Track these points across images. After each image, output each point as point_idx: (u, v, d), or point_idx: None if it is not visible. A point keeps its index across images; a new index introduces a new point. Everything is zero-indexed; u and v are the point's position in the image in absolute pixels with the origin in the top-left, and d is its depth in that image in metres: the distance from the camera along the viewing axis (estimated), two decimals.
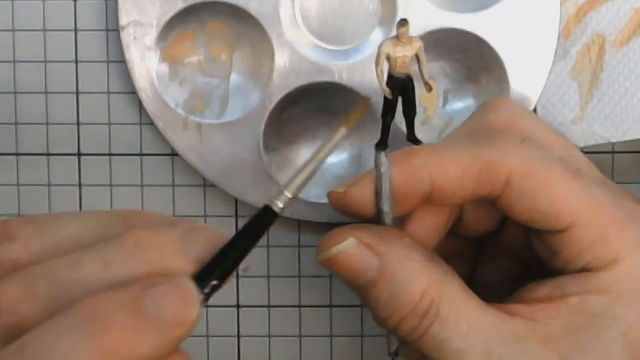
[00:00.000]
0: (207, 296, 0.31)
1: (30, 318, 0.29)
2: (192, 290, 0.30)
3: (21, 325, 0.29)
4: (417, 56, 0.36)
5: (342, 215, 0.38)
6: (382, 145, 0.36)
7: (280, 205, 0.32)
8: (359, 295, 0.37)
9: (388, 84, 0.36)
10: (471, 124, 0.41)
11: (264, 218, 0.32)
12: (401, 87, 0.36)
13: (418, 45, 0.36)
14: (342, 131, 0.35)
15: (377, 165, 0.36)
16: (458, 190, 0.37)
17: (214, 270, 0.31)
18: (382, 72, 0.36)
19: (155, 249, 0.30)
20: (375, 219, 0.37)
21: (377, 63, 0.36)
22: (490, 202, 0.38)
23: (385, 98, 0.36)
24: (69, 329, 0.28)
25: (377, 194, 0.37)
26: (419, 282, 0.36)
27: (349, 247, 0.36)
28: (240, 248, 0.31)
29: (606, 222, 0.37)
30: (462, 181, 0.37)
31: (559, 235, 0.37)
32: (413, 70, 0.36)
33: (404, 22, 0.36)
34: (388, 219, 0.37)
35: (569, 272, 0.37)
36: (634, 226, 0.37)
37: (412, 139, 0.38)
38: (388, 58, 0.36)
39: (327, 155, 0.34)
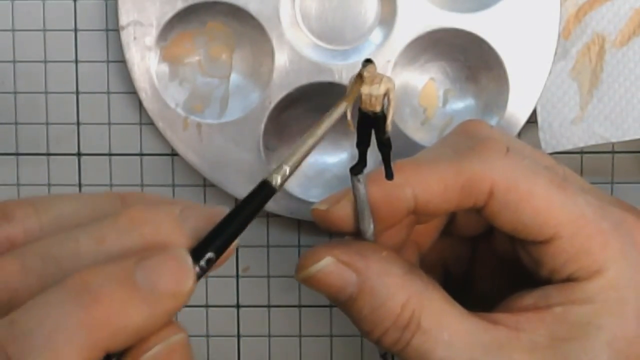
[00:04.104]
0: (204, 270, 0.30)
1: (23, 293, 0.29)
2: (186, 260, 0.29)
3: (14, 301, 0.29)
4: (387, 97, 0.33)
5: (326, 230, 0.38)
6: (356, 169, 0.35)
7: (279, 180, 0.32)
8: (342, 310, 0.38)
9: (359, 116, 0.34)
10: (454, 135, 0.41)
11: (262, 193, 0.31)
12: (371, 123, 0.33)
13: (387, 86, 0.33)
14: (343, 106, 0.33)
15: (353, 188, 0.36)
16: (442, 204, 0.37)
17: (210, 244, 0.30)
18: (350, 100, 0.33)
19: (151, 224, 0.30)
20: (358, 234, 0.38)
21: (347, 92, 0.34)
22: (476, 211, 0.38)
23: (357, 128, 0.34)
24: (59, 302, 0.28)
25: (357, 214, 0.37)
26: (399, 296, 0.36)
27: (327, 265, 0.37)
28: (236, 223, 0.31)
29: (590, 233, 0.37)
30: (446, 195, 0.37)
31: (542, 246, 0.37)
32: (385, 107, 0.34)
33: (365, 63, 0.33)
34: (369, 236, 0.37)
35: (555, 281, 0.38)
36: (618, 236, 0.37)
37: (388, 175, 0.36)
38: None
39: (326, 130, 0.32)
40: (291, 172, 0.32)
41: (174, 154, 0.49)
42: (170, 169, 0.50)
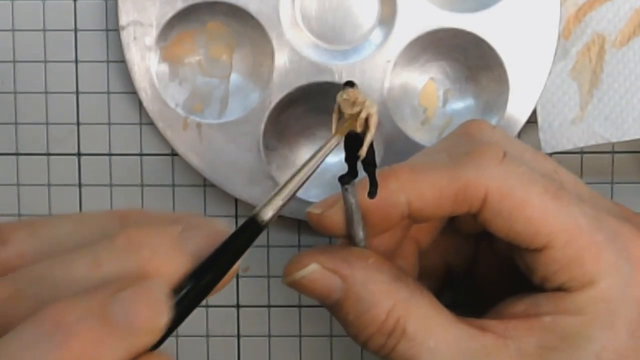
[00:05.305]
0: (185, 307, 0.29)
1: (16, 319, 0.28)
2: (162, 294, 0.28)
3: (7, 327, 0.28)
4: (367, 121, 0.33)
5: (320, 233, 0.38)
6: (345, 179, 0.35)
7: (266, 217, 0.31)
8: (330, 313, 0.38)
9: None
10: (454, 136, 0.41)
11: (249, 231, 0.31)
12: (355, 141, 0.33)
13: (367, 111, 0.33)
14: (334, 141, 0.33)
15: (343, 197, 0.36)
16: (435, 211, 0.37)
17: (194, 279, 0.29)
18: (336, 118, 0.33)
19: (148, 246, 0.29)
20: (351, 238, 0.38)
21: (334, 109, 0.34)
22: (471, 217, 0.38)
23: (344, 144, 0.34)
24: (33, 339, 0.27)
25: (348, 221, 0.37)
26: (384, 303, 0.37)
27: (312, 272, 0.37)
28: (221, 263, 0.30)
29: (583, 244, 0.37)
30: (439, 202, 0.37)
31: (535, 254, 0.37)
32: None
33: (345, 86, 0.33)
34: (359, 241, 0.38)
35: (546, 289, 0.38)
36: (613, 248, 0.37)
37: (371, 192, 0.36)
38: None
39: (317, 164, 0.32)
40: (281, 208, 0.31)
41: (173, 154, 0.49)
42: (170, 169, 0.50)
